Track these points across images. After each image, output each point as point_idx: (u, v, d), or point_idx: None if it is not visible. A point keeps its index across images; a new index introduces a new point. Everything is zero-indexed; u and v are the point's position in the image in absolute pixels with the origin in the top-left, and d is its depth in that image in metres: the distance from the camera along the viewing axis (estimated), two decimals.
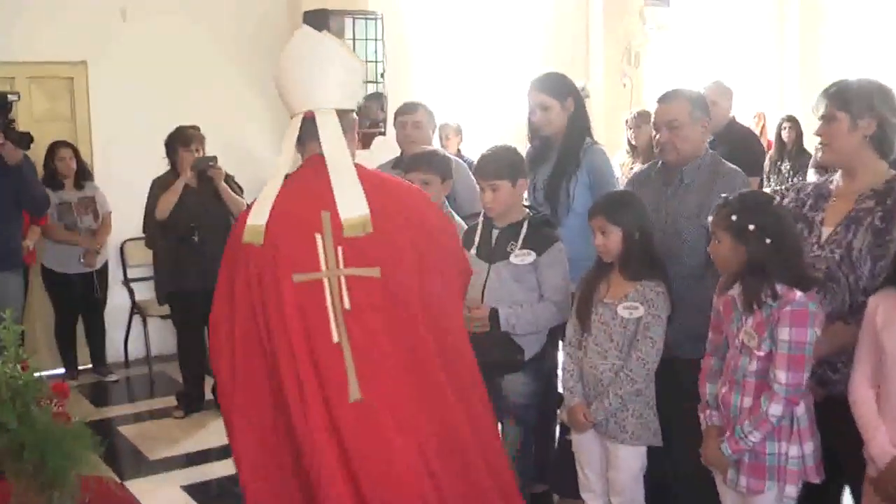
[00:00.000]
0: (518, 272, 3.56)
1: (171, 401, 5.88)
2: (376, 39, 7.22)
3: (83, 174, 6.35)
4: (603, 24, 9.03)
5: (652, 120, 3.53)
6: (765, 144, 8.15)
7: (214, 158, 5.52)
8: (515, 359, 3.59)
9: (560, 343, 3.76)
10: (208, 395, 5.69)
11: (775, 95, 9.96)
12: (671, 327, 3.31)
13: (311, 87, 2.64)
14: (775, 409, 2.75)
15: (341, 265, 2.53)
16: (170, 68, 6.75)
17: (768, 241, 2.77)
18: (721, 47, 9.50)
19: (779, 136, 8.58)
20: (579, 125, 4.05)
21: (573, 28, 9.00)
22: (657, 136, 3.47)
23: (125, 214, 6.24)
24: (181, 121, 5.69)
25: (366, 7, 7.26)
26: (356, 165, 2.64)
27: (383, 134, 7.31)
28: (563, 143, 4.02)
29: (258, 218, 2.58)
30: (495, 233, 3.66)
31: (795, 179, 8.02)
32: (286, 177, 2.66)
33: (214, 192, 5.52)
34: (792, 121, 8.55)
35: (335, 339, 2.49)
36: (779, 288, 2.75)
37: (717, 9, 9.61)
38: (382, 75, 7.35)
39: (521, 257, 3.55)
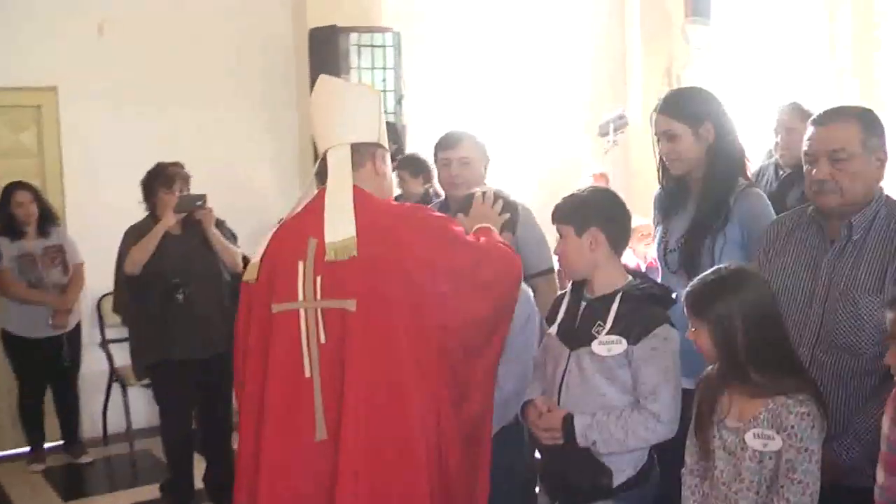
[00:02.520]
0: (605, 366, 2.59)
1: (156, 490, 5.06)
2: (384, 68, 6.43)
3: (48, 219, 5.65)
4: (641, 43, 8.30)
5: (804, 148, 2.56)
6: None
7: (203, 197, 4.69)
8: (600, 483, 2.62)
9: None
10: (198, 484, 4.91)
11: None
12: (845, 443, 2.35)
13: (323, 128, 2.68)
14: None
15: (318, 296, 2.45)
16: (155, 95, 6.15)
17: None
18: (770, 68, 8.64)
19: None
20: (725, 159, 3.04)
21: (609, 49, 8.30)
22: (814, 172, 2.50)
23: (101, 265, 5.36)
24: (168, 157, 4.92)
25: (379, 23, 6.46)
26: (362, 193, 2.54)
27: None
28: (702, 185, 3.05)
29: (256, 255, 2.62)
30: (582, 306, 2.69)
31: None
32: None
33: (203, 240, 4.70)
34: None
35: (307, 373, 2.44)
36: None
37: (763, 25, 8.76)
38: (399, 102, 6.52)
39: (607, 345, 2.57)
